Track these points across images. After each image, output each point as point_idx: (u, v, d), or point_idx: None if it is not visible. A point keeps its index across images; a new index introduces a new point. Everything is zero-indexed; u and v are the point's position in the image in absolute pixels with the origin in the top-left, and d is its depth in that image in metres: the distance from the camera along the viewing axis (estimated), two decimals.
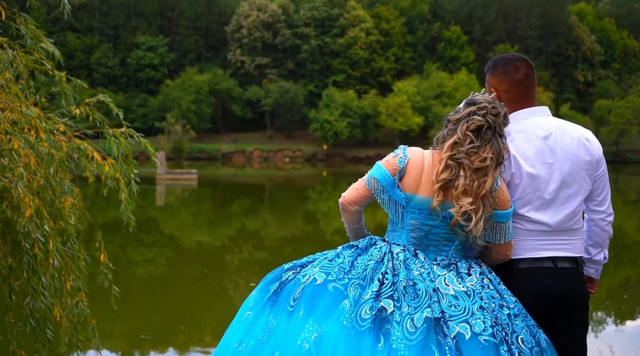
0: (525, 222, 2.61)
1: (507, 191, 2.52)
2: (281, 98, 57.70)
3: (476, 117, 2.48)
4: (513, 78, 2.70)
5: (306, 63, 62.43)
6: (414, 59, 65.74)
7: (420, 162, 2.51)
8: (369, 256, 2.50)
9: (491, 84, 2.75)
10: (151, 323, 8.22)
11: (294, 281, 2.50)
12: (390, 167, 2.53)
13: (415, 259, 2.46)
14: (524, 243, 2.61)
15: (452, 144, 2.47)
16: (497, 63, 2.75)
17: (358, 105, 57.10)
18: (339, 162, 54.27)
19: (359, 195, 2.63)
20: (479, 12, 68.14)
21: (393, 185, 2.51)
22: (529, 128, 2.64)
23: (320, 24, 63.60)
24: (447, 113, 2.65)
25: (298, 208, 22.91)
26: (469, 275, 2.47)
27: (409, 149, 2.57)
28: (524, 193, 2.60)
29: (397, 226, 2.57)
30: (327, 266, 2.50)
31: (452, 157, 2.45)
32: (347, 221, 2.76)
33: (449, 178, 2.42)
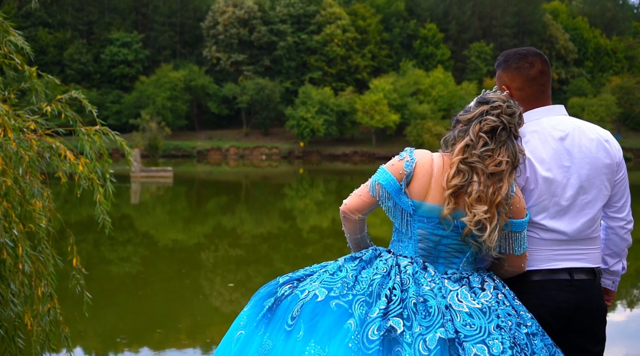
0: (540, 230, 2.41)
1: (522, 198, 2.33)
2: (257, 95, 57.51)
3: (490, 117, 2.27)
4: (527, 75, 2.49)
5: (282, 60, 62.28)
6: (391, 56, 65.96)
7: (429, 166, 2.29)
8: (374, 269, 2.28)
9: (502, 80, 2.54)
10: (126, 323, 8.11)
11: (292, 297, 2.26)
12: (396, 172, 2.31)
13: (424, 273, 2.25)
14: (538, 253, 2.41)
15: (464, 147, 2.26)
16: (510, 58, 2.54)
17: (334, 103, 57.12)
18: (316, 159, 54.24)
19: (362, 202, 2.39)
20: (454, 10, 68.55)
21: (399, 192, 2.29)
22: (544, 129, 2.44)
23: (297, 20, 63.49)
24: (455, 113, 2.49)
25: (274, 205, 22.83)
26: (483, 290, 2.25)
27: (416, 152, 2.35)
28: (539, 199, 2.39)
29: (403, 236, 2.34)
30: (329, 280, 2.26)
31: (464, 161, 2.23)
32: (348, 231, 2.51)
33: (461, 184, 2.21)
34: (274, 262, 12.28)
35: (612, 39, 74.38)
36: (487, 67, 65.33)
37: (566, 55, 68.84)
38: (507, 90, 2.48)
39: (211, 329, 8.29)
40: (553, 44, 68.62)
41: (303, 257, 12.89)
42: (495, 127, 2.26)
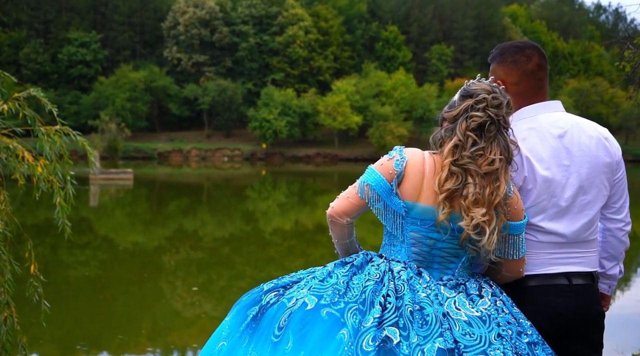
0: (538, 232, 2.28)
1: (520, 199, 2.19)
2: (219, 97, 57.11)
3: (476, 113, 2.12)
4: (524, 69, 2.37)
5: (244, 61, 62.00)
6: (353, 58, 66.22)
7: (421, 166, 2.16)
8: (365, 275, 2.14)
9: (498, 75, 2.40)
10: (85, 329, 7.96)
11: (278, 305, 2.11)
12: (386, 172, 2.16)
13: (419, 278, 2.12)
14: (536, 257, 2.28)
15: (453, 148, 2.11)
16: (505, 51, 2.42)
17: (297, 104, 57.08)
18: (278, 161, 54.15)
19: (350, 205, 2.24)
20: (415, 13, 69.20)
21: (390, 193, 2.15)
22: (541, 126, 2.31)
23: (259, 21, 63.28)
24: (438, 111, 2.37)
25: (237, 207, 22.70)
26: (481, 297, 2.13)
27: (406, 150, 2.20)
28: (537, 200, 2.27)
29: (395, 239, 2.21)
30: (319, 287, 2.11)
31: (456, 163, 2.10)
32: (336, 236, 2.36)
33: (455, 187, 2.08)
34: (236, 264, 12.21)
35: (568, 42, 76.08)
36: (448, 69, 66.14)
37: None
38: (502, 85, 2.31)
39: (172, 333, 8.19)
40: None
41: (265, 259, 12.85)
42: (482, 123, 2.11)
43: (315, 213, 21.01)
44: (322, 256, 13.63)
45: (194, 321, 8.58)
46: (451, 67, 66.78)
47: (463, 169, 2.09)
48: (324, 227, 18.30)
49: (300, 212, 21.45)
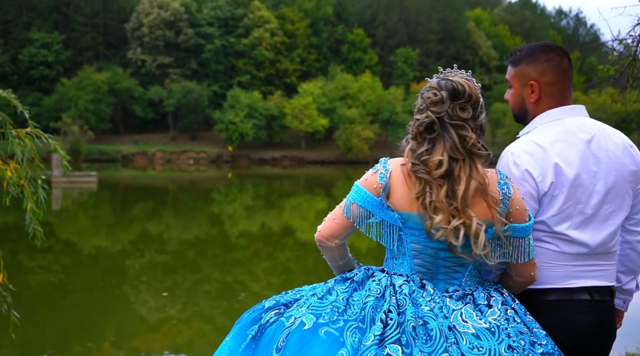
0: (562, 242, 2.18)
1: (522, 200, 2.08)
2: (184, 99, 56.64)
3: (418, 116, 2.07)
4: (559, 68, 2.26)
5: (210, 63, 61.61)
6: (319, 60, 66.31)
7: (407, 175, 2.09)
8: (366, 291, 2.04)
9: (528, 76, 2.27)
10: (48, 335, 7.80)
11: (277, 324, 2.03)
12: (370, 186, 2.08)
13: (422, 291, 2.02)
14: (557, 269, 2.18)
15: (409, 152, 2.07)
16: (536, 51, 2.29)
17: (263, 106, 56.93)
18: (245, 164, 53.93)
19: (337, 226, 2.15)
20: (381, 16, 69.62)
21: (382, 206, 2.06)
22: (569, 130, 2.22)
23: (224, 23, 62.95)
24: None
25: (202, 210, 22.51)
26: (490, 307, 2.03)
27: (390, 162, 2.11)
28: (563, 206, 2.16)
29: (396, 252, 2.12)
30: (317, 305, 2.02)
31: (413, 168, 2.03)
32: (328, 259, 2.27)
33: (419, 193, 2.01)
34: (202, 267, 12.09)
35: None
36: (414, 72, 66.65)
37: (488, 62, 71.09)
38: (534, 85, 2.25)
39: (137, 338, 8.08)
40: (476, 50, 70.71)
41: (231, 263, 12.75)
42: (429, 125, 2.03)
43: (282, 216, 20.95)
44: (289, 259, 13.60)
45: (159, 326, 8.47)
46: (417, 70, 67.30)
47: (416, 176, 2.02)
48: (290, 229, 18.29)
49: (267, 215, 21.36)
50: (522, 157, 2.16)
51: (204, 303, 9.52)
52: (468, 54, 70.54)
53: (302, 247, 15.19)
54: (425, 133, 2.04)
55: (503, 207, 2.03)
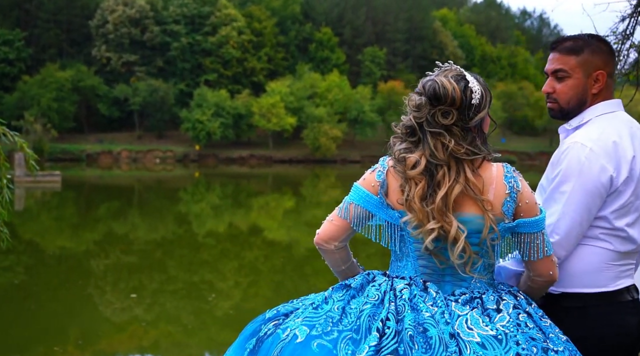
0: (617, 239, 2.07)
1: (532, 193, 1.97)
2: (150, 97, 56.03)
3: (403, 118, 2.00)
4: (615, 59, 2.18)
5: (176, 61, 61.06)
6: (287, 59, 66.20)
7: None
8: (364, 298, 1.93)
9: (594, 65, 2.13)
10: (10, 337, 7.63)
11: (273, 337, 1.91)
12: (369, 185, 1.99)
13: (424, 295, 1.90)
14: (608, 271, 2.07)
15: (392, 149, 2.02)
16: (593, 39, 2.17)
17: (231, 105, 56.63)
18: (212, 163, 53.59)
19: (335, 228, 2.05)
20: (349, 15, 69.80)
21: (381, 205, 1.97)
22: (627, 123, 2.13)
23: (191, 21, 62.44)
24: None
25: (169, 210, 22.29)
26: (499, 312, 1.89)
27: (389, 160, 2.01)
28: (627, 201, 2.05)
29: (399, 254, 2.01)
30: (312, 316, 1.91)
31: (393, 165, 1.98)
32: (330, 264, 2.15)
33: (402, 187, 1.94)
34: (168, 268, 11.97)
35: (496, 46, 78.42)
36: (381, 72, 66.99)
37: (455, 62, 71.11)
38: (602, 75, 2.12)
39: (102, 339, 7.97)
40: (443, 50, 71.32)
41: (199, 262, 12.65)
42: (409, 129, 1.96)
43: (250, 216, 20.87)
44: (256, 258, 13.54)
45: (125, 327, 8.36)
46: (384, 69, 67.67)
47: (397, 166, 1.96)
48: (258, 228, 18.22)
49: (235, 214, 21.24)
50: (595, 151, 2.02)
51: (170, 303, 9.42)
52: (435, 53, 71.09)
53: (269, 246, 15.13)
54: (406, 136, 1.97)
55: (511, 200, 1.92)
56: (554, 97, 2.18)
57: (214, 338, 7.91)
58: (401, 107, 2.06)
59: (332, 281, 4.20)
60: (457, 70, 2.00)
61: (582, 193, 2.01)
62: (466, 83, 1.94)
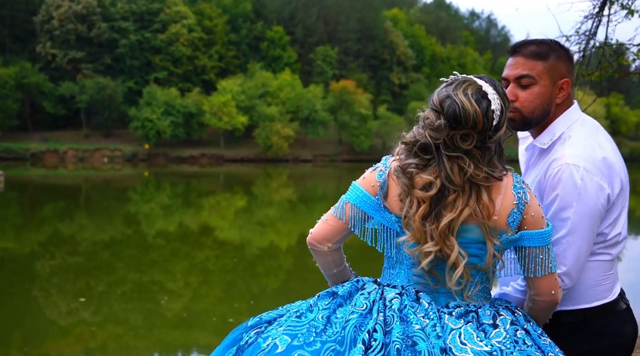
0: (613, 247, 2.00)
1: (539, 207, 1.85)
2: (98, 95, 54.87)
3: (416, 130, 1.84)
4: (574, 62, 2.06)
5: (125, 58, 59.93)
6: (238, 57, 65.81)
7: None
8: (351, 307, 1.81)
9: (560, 72, 1.99)
10: None
11: (254, 346, 1.80)
12: (368, 185, 1.88)
13: (416, 306, 1.78)
14: (605, 281, 2.00)
15: (398, 155, 1.87)
16: (556, 45, 2.01)
17: (181, 104, 55.98)
18: (162, 162, 52.83)
19: (329, 228, 1.93)
20: (300, 14, 69.79)
21: (378, 208, 1.86)
22: (597, 128, 2.04)
23: (140, 18, 61.40)
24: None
25: (117, 210, 21.85)
26: (495, 327, 1.77)
27: (391, 159, 1.90)
28: (619, 210, 1.98)
29: (392, 261, 1.90)
30: (294, 325, 1.80)
31: (396, 173, 1.84)
32: (321, 266, 2.03)
33: (401, 196, 1.82)
34: (117, 269, 11.72)
35: (446, 46, 79.62)
36: (333, 71, 67.20)
37: (405, 61, 72.55)
38: (567, 83, 2.00)
39: (47, 343, 7.76)
40: (394, 49, 72.01)
41: (148, 263, 12.42)
42: (423, 146, 1.81)
43: (200, 215, 20.63)
44: (207, 258, 13.37)
45: (71, 330, 8.13)
46: (336, 68, 67.91)
47: (401, 179, 1.82)
48: (209, 228, 18.01)
49: (185, 214, 20.96)
50: (589, 169, 1.88)
51: (118, 305, 9.20)
52: (386, 53, 71.76)
53: (221, 246, 14.98)
54: (420, 151, 1.81)
55: (517, 212, 1.80)
56: (516, 106, 1.99)
57: (164, 340, 7.75)
58: (353, 106, 1.93)
59: (285, 281, 4.17)
60: (476, 84, 1.81)
61: (586, 219, 1.89)
62: (488, 103, 1.78)
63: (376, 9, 73.56)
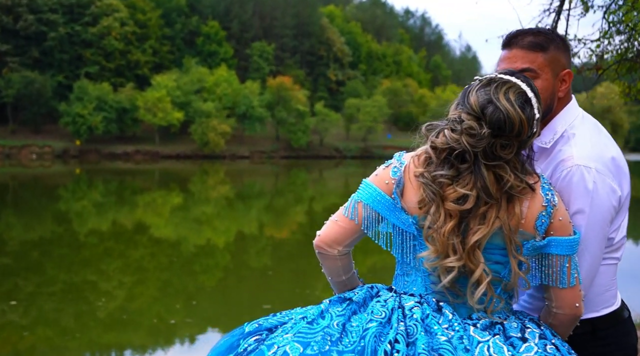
0: (618, 251, 1.89)
1: (566, 211, 1.71)
2: (25, 89, 53.03)
3: (447, 133, 1.64)
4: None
5: (54, 52, 58.06)
6: (173, 52, 64.79)
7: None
8: (368, 314, 1.65)
9: (561, 64, 1.84)
10: None
11: (256, 353, 1.64)
12: (381, 182, 1.72)
13: (439, 317, 1.64)
14: (612, 286, 1.89)
15: (427, 158, 1.68)
16: (554, 35, 1.86)
17: (114, 99, 54.72)
18: (94, 159, 51.48)
19: (341, 230, 1.76)
20: (236, 9, 69.25)
21: (393, 208, 1.70)
22: (598, 126, 1.93)
23: (69, 10, 59.58)
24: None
25: (47, 208, 21.13)
26: (525, 341, 1.63)
27: (406, 155, 1.75)
28: (624, 212, 1.86)
29: (408, 267, 1.73)
30: (306, 331, 1.63)
31: (423, 176, 1.66)
32: (328, 272, 1.86)
33: (422, 204, 1.66)
34: (47, 269, 11.32)
35: (382, 44, 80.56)
36: (270, 67, 66.99)
37: (342, 58, 73.03)
38: (569, 75, 1.86)
39: None
40: (330, 46, 72.36)
41: (80, 262, 12.06)
42: (461, 153, 1.63)
43: (135, 213, 20.19)
44: (142, 256, 13.09)
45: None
46: (272, 64, 67.76)
47: (428, 189, 1.65)
48: (144, 226, 17.64)
49: (119, 212, 20.45)
50: (601, 170, 1.76)
51: (48, 306, 8.88)
52: (323, 49, 72.03)
53: (156, 244, 14.68)
54: (453, 159, 1.64)
55: (546, 216, 1.66)
56: None
57: (96, 341, 7.52)
58: (290, 102, 1.79)
59: (222, 279, 4.07)
60: (517, 88, 1.65)
61: (598, 224, 1.77)
62: (531, 109, 1.64)
63: (312, 5, 73.79)
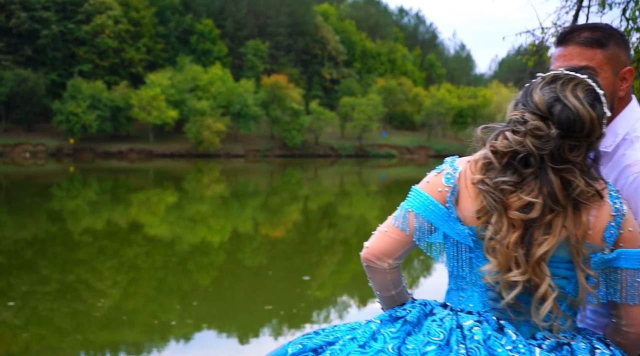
0: None
1: (634, 220, 1.56)
2: (18, 88, 52.80)
3: (509, 135, 1.51)
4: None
5: (47, 50, 57.81)
6: (167, 50, 64.62)
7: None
8: (424, 336, 1.52)
9: (622, 61, 1.71)
10: None
11: None
12: (434, 190, 1.59)
13: (501, 337, 1.49)
14: None
15: (487, 164, 1.54)
16: (613, 30, 1.74)
17: (108, 97, 54.55)
18: (88, 157, 51.32)
19: (392, 242, 1.62)
20: (230, 7, 69.11)
21: (447, 218, 1.57)
22: None
23: (62, 8, 59.34)
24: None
25: (41, 207, 21.04)
26: None
27: (459, 160, 1.61)
28: None
29: (464, 282, 1.59)
30: (358, 355, 1.51)
31: (484, 183, 1.53)
32: (377, 286, 1.71)
33: (481, 213, 1.53)
34: (40, 268, 11.26)
35: (376, 42, 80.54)
36: (264, 65, 66.89)
37: (337, 56, 72.97)
38: (630, 72, 1.72)
39: None
40: (325, 44, 72.29)
41: (74, 262, 12.00)
42: (526, 157, 1.50)
43: (129, 212, 20.12)
44: (137, 255, 13.03)
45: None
46: (267, 63, 67.66)
47: (490, 196, 1.51)
48: (138, 225, 17.57)
49: (113, 211, 20.37)
50: None
51: (42, 305, 8.82)
52: (317, 48, 71.96)
53: (150, 242, 14.62)
54: (517, 163, 1.50)
55: (615, 226, 1.51)
56: None
57: (91, 340, 7.47)
58: (284, 101, 1.68)
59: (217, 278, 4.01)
60: (585, 83, 1.52)
61: None
62: (601, 106, 1.51)
63: (306, 3, 73.71)
